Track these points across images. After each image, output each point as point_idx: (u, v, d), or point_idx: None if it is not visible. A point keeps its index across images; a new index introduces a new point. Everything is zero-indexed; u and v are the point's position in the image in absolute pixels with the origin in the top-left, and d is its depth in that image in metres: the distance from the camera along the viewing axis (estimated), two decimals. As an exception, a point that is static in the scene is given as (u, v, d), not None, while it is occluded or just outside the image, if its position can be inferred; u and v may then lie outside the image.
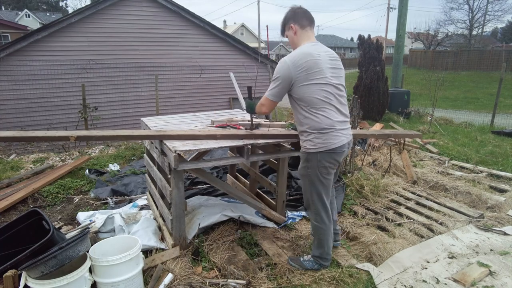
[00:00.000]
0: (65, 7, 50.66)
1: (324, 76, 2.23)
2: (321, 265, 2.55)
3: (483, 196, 3.87)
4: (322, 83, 2.22)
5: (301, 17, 2.33)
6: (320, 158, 2.28)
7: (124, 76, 8.74)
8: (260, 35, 33.44)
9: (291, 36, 2.39)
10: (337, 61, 2.36)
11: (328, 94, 2.24)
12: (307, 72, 2.19)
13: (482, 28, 34.50)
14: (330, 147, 2.25)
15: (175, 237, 2.67)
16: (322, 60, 2.23)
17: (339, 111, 2.30)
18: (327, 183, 2.38)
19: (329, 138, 2.25)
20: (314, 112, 2.24)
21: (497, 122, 8.27)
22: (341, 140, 2.28)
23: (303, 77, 2.19)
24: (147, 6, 8.86)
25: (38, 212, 2.55)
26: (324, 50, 2.32)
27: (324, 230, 2.47)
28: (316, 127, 2.25)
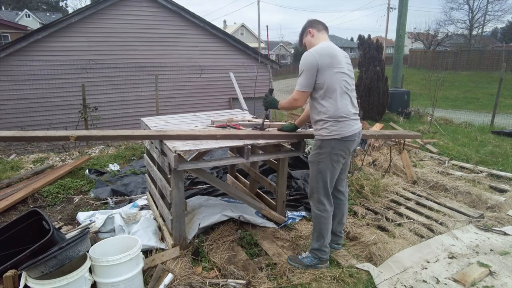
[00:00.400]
0: (65, 7, 50.67)
1: (342, 67, 2.39)
2: (320, 259, 2.57)
3: (483, 196, 3.87)
4: (342, 72, 2.38)
5: (317, 23, 2.58)
6: (334, 145, 2.39)
7: (124, 76, 8.74)
8: (260, 35, 33.43)
9: (309, 40, 2.55)
10: (349, 60, 2.56)
11: (346, 84, 2.40)
12: (331, 60, 2.34)
13: (482, 28, 34.53)
14: (345, 135, 2.37)
15: (175, 237, 2.67)
16: (339, 55, 2.41)
17: (352, 102, 2.45)
18: (335, 172, 2.48)
19: (344, 126, 2.37)
20: (334, 100, 2.36)
21: (497, 122, 8.27)
22: (354, 129, 2.41)
23: (327, 64, 2.33)
24: (147, 6, 8.86)
25: (38, 212, 2.55)
26: (339, 49, 2.49)
27: (326, 219, 2.53)
28: (334, 114, 2.36)
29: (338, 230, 2.78)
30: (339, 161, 2.45)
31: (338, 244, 2.81)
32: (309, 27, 2.57)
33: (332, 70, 2.34)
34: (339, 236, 2.80)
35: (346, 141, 2.40)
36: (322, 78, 2.34)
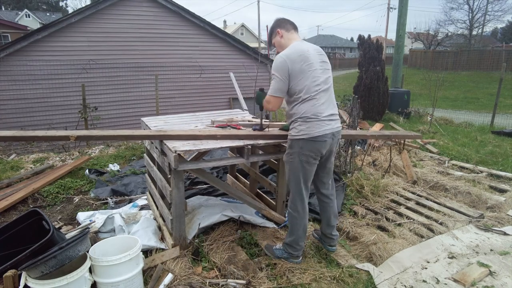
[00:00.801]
0: (65, 7, 50.69)
1: (315, 69, 2.36)
2: (290, 254, 2.59)
3: (483, 196, 3.87)
4: (314, 74, 2.35)
5: (285, 22, 2.52)
6: (302, 145, 2.36)
7: (124, 76, 8.74)
8: (260, 35, 33.44)
9: (278, 40, 2.52)
10: (324, 56, 2.51)
11: (317, 86, 2.36)
12: (301, 64, 2.32)
13: (482, 28, 34.52)
14: (313, 135, 2.33)
15: (175, 237, 2.67)
16: (311, 55, 2.38)
17: (326, 103, 2.40)
18: (307, 172, 2.44)
19: (312, 126, 2.33)
20: (302, 102, 2.34)
21: (497, 122, 8.27)
22: (324, 129, 2.36)
23: (299, 68, 2.31)
24: (147, 6, 8.86)
25: (38, 212, 2.55)
26: (312, 46, 2.46)
27: (297, 218, 2.53)
28: (302, 115, 2.35)
29: (328, 232, 2.75)
30: (309, 162, 2.41)
31: (331, 246, 2.78)
32: (277, 28, 2.52)
33: (304, 74, 2.32)
34: (331, 238, 2.76)
35: (315, 142, 2.35)
36: (295, 83, 2.33)
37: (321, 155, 2.45)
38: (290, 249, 2.59)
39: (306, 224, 2.60)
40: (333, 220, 2.73)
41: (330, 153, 2.54)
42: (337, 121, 2.48)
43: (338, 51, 52.55)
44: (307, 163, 2.41)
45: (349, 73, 27.22)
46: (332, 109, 2.44)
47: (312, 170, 2.48)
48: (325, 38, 57.84)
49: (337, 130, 2.46)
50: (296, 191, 2.50)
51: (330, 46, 55.17)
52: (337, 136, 2.49)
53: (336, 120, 2.47)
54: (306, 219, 2.58)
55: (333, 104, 2.47)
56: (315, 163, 2.46)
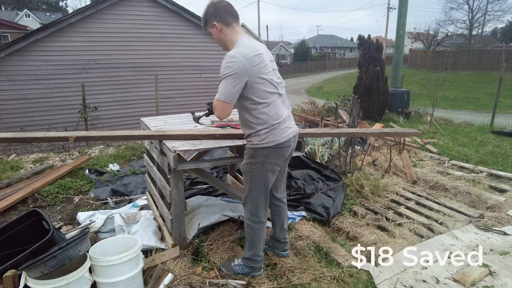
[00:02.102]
0: (65, 7, 50.68)
1: (269, 70, 2.17)
2: (252, 268, 2.45)
3: (483, 196, 3.87)
4: (269, 77, 2.16)
5: (224, 13, 2.15)
6: (268, 153, 2.19)
7: (124, 76, 8.74)
8: (260, 35, 33.45)
9: (216, 33, 2.20)
10: (269, 52, 2.31)
11: (274, 88, 2.18)
12: (259, 66, 2.08)
13: (482, 28, 34.52)
14: (279, 141, 2.18)
15: (175, 237, 2.67)
16: (263, 54, 2.16)
17: (283, 104, 2.27)
18: (269, 181, 2.30)
19: (277, 132, 2.17)
20: (262, 108, 2.13)
21: (497, 122, 8.27)
22: (288, 133, 2.23)
23: (256, 71, 2.07)
24: (147, 6, 8.86)
25: (38, 212, 2.55)
26: (260, 44, 2.25)
27: (258, 230, 2.39)
28: (266, 122, 2.15)
29: (282, 237, 2.66)
30: (274, 170, 2.27)
31: (285, 250, 2.70)
32: (213, 19, 2.15)
33: (260, 77, 2.09)
34: (284, 242, 2.68)
35: (281, 148, 2.21)
36: (252, 88, 2.08)
37: (285, 160, 2.35)
38: (251, 263, 2.44)
39: (265, 233, 2.47)
40: (286, 223, 2.68)
41: (289, 156, 2.42)
42: (294, 122, 2.37)
43: (338, 51, 52.54)
44: (271, 172, 2.25)
45: (349, 73, 27.22)
46: (287, 108, 2.31)
47: (274, 178, 2.35)
48: (325, 38, 57.84)
49: (296, 131, 2.35)
50: (259, 201, 2.33)
51: (330, 46, 55.18)
52: (297, 138, 2.37)
53: (293, 121, 2.36)
54: (265, 228, 2.46)
55: (287, 105, 2.33)
56: (278, 170, 2.32)
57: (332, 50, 52.54)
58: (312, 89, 20.05)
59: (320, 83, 23.43)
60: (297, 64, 35.83)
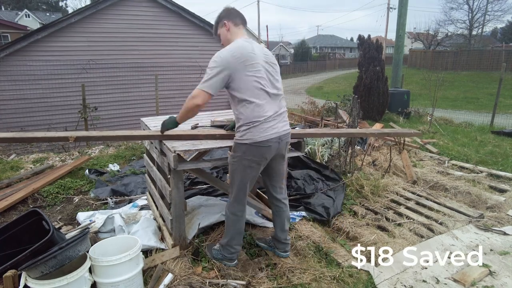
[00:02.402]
0: (65, 7, 50.67)
1: (259, 69, 2.23)
2: (224, 256, 2.53)
3: (483, 196, 3.87)
4: (257, 76, 2.21)
5: (235, 15, 2.37)
6: (245, 150, 2.25)
7: (124, 76, 8.74)
8: (260, 35, 33.45)
9: (224, 33, 2.36)
10: (271, 57, 2.36)
11: (262, 86, 2.23)
12: (245, 64, 2.18)
13: (482, 28, 34.52)
14: (256, 140, 2.21)
15: (175, 237, 2.67)
16: (257, 55, 2.24)
17: (272, 103, 2.28)
18: (248, 177, 2.34)
19: (256, 131, 2.21)
20: (247, 104, 2.21)
21: (497, 122, 8.27)
22: (268, 134, 2.23)
23: (242, 68, 2.17)
24: (146, 6, 8.86)
25: (38, 212, 2.55)
26: (258, 46, 2.32)
27: (233, 221, 2.47)
28: (246, 119, 2.22)
29: (282, 238, 2.66)
30: (252, 167, 2.30)
31: (286, 251, 2.70)
32: (225, 19, 2.34)
33: (246, 74, 2.18)
34: (285, 243, 2.68)
35: (260, 147, 2.23)
36: (235, 85, 2.20)
37: (266, 160, 2.34)
38: (224, 251, 2.53)
39: (242, 227, 2.52)
40: (287, 225, 2.66)
41: (279, 156, 2.41)
42: (284, 123, 2.35)
43: (338, 51, 52.54)
44: (249, 168, 2.30)
45: (349, 73, 27.22)
46: (277, 110, 2.30)
47: (255, 175, 2.37)
48: (325, 38, 57.84)
49: (284, 133, 2.33)
50: (236, 195, 2.41)
51: (330, 46, 55.18)
52: (284, 139, 2.35)
53: (283, 123, 2.34)
54: (242, 222, 2.51)
55: (279, 105, 2.32)
56: (258, 168, 2.34)
57: (332, 50, 52.54)
58: (312, 89, 20.05)
59: (320, 83, 23.44)
60: (297, 64, 35.84)
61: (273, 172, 2.50)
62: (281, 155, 2.42)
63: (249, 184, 2.41)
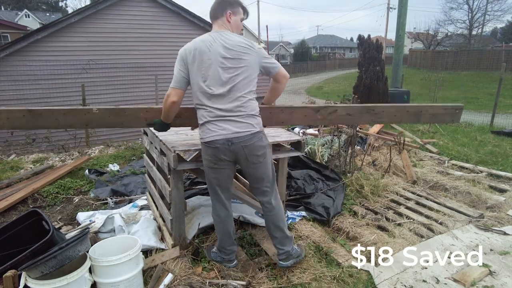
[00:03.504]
0: (65, 7, 50.63)
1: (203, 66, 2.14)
2: (222, 258, 2.54)
3: (483, 196, 3.87)
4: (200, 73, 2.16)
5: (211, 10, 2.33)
6: (202, 149, 2.28)
7: (124, 76, 8.74)
8: (260, 35, 33.45)
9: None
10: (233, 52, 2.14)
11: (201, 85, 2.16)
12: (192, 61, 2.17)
13: (481, 28, 34.52)
14: (205, 140, 2.20)
15: (175, 237, 2.67)
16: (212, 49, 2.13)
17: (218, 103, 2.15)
18: (213, 177, 2.32)
19: (204, 130, 2.21)
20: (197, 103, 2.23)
21: (497, 122, 8.27)
22: (212, 135, 2.15)
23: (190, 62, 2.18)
24: (146, 6, 8.86)
25: (38, 212, 2.55)
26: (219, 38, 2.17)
27: (216, 221, 2.50)
28: (199, 117, 2.25)
29: (275, 243, 2.49)
30: (210, 167, 2.27)
31: (280, 260, 2.50)
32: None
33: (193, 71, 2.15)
34: (278, 249, 2.48)
35: (209, 147, 2.19)
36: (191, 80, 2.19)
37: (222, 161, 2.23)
38: (220, 253, 2.55)
39: (228, 229, 2.47)
40: (274, 231, 2.44)
41: (244, 160, 2.22)
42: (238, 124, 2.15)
43: (338, 51, 52.53)
44: (208, 168, 2.29)
45: (349, 73, 27.22)
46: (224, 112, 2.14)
47: (220, 176, 2.30)
48: (325, 38, 57.84)
49: (234, 135, 2.14)
50: (211, 195, 2.44)
51: (330, 46, 55.17)
52: (236, 142, 2.15)
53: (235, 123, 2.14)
54: (227, 223, 2.46)
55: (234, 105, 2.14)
56: (219, 170, 2.26)
57: (332, 50, 52.53)
58: (312, 89, 20.05)
59: (320, 83, 23.44)
60: (297, 64, 35.84)
61: (247, 175, 2.37)
62: (244, 159, 2.22)
63: (219, 187, 2.35)
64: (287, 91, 19.09)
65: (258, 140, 2.21)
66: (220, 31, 2.20)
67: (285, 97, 15.69)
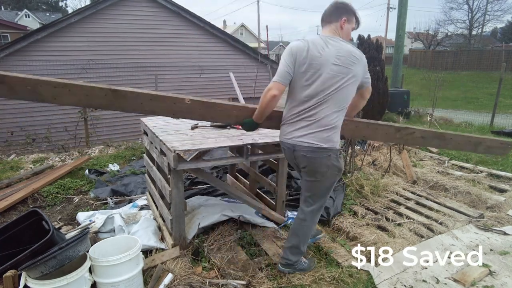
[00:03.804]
0: (65, 7, 50.59)
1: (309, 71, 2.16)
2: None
3: (483, 196, 3.87)
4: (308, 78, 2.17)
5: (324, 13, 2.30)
6: None
7: (124, 76, 8.74)
8: (260, 35, 33.45)
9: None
10: (345, 59, 2.11)
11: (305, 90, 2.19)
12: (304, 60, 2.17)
13: (481, 28, 34.50)
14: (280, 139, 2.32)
15: (175, 237, 2.67)
16: (323, 55, 2.13)
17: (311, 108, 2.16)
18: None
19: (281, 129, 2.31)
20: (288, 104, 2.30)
21: (497, 122, 8.27)
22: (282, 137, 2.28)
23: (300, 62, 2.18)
24: (147, 6, 8.86)
25: (38, 212, 2.55)
26: (333, 45, 2.14)
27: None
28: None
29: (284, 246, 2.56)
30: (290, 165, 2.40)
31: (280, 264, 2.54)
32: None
33: (302, 69, 2.14)
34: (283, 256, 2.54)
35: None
36: (294, 77, 2.21)
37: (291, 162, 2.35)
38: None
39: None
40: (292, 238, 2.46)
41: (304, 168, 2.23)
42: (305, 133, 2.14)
43: (338, 51, 52.36)
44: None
45: (349, 73, 27.13)
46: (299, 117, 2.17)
47: (301, 178, 2.40)
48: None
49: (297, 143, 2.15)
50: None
51: (330, 46, 55.03)
52: (299, 150, 2.16)
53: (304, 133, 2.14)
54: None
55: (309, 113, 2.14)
56: (298, 170, 2.36)
57: (332, 50, 52.36)
58: (312, 89, 19.95)
59: (320, 83, 23.35)
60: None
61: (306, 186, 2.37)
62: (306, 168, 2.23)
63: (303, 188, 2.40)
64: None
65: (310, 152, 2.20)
66: (332, 37, 2.15)
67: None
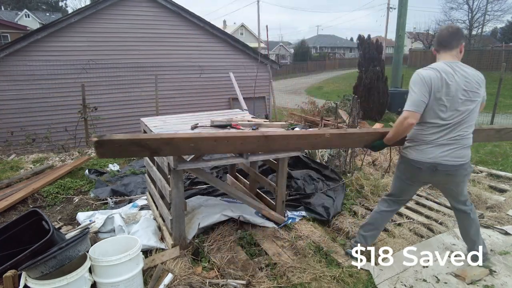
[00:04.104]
0: (65, 7, 50.58)
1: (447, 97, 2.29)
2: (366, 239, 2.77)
3: (483, 196, 3.87)
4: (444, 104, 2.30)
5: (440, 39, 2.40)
6: (410, 164, 2.45)
7: (124, 76, 8.73)
8: (260, 35, 33.44)
9: None
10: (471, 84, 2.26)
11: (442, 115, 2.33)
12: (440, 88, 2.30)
13: (481, 28, 34.49)
14: (408, 158, 2.44)
15: (175, 237, 2.67)
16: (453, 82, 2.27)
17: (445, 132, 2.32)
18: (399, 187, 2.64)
19: (412, 150, 2.44)
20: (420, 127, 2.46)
21: (497, 122, 8.27)
22: (421, 157, 2.37)
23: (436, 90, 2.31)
24: (147, 6, 8.86)
25: (38, 212, 2.55)
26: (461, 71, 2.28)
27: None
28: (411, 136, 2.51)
29: (468, 247, 2.75)
30: (402, 180, 2.60)
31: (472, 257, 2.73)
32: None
33: (437, 97, 2.27)
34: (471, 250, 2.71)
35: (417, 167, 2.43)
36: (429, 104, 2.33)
37: (420, 180, 2.52)
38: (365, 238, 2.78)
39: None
40: (473, 234, 2.65)
41: (442, 184, 2.52)
42: (450, 152, 2.29)
43: (338, 51, 52.54)
44: (399, 180, 2.58)
45: (349, 73, 27.21)
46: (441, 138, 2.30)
47: (407, 189, 2.58)
48: (325, 38, 57.80)
49: (442, 162, 2.29)
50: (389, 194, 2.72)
51: (330, 46, 55.16)
52: (443, 169, 2.31)
53: (448, 152, 2.29)
54: None
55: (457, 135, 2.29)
56: (411, 184, 2.55)
57: (332, 50, 52.52)
58: (312, 89, 20.05)
59: (320, 83, 23.44)
60: (297, 64, 35.83)
61: (444, 192, 2.69)
62: (447, 185, 2.49)
63: (400, 194, 2.65)
64: (286, 91, 19.06)
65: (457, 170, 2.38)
66: (455, 62, 2.27)
67: (285, 97, 15.69)
